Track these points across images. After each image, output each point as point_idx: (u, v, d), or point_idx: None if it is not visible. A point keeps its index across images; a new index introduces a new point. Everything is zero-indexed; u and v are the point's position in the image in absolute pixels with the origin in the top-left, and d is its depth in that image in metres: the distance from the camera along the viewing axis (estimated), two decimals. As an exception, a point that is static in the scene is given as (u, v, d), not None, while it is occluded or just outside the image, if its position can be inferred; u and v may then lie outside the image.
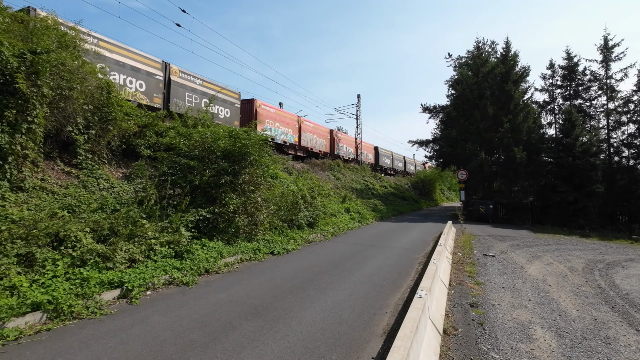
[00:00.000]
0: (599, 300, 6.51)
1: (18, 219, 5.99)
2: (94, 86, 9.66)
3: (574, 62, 25.66)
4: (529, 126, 24.70)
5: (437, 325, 4.69)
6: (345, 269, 8.22)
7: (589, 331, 5.01)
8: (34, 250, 5.59)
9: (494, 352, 4.25)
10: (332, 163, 27.66)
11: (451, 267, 8.64)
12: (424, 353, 3.61)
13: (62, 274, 5.54)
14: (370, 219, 19.51)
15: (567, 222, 20.42)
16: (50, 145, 9.04)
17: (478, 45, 29.46)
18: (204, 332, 4.60)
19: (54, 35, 8.78)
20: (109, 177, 9.80)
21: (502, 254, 11.01)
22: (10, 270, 5.15)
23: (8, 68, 6.70)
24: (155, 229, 7.59)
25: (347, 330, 4.76)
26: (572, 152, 21.41)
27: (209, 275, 7.42)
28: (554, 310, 5.88)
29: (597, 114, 25.81)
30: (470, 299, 6.28)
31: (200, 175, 9.23)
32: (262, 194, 10.97)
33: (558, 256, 10.90)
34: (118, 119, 10.25)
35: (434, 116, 33.20)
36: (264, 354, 4.04)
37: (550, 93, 27.15)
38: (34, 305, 4.78)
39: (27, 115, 7.13)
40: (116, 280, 5.91)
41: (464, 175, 22.85)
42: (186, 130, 10.54)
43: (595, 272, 8.84)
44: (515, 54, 26.15)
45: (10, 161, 6.92)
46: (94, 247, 6.21)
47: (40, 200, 7.47)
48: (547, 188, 22.53)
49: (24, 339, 4.30)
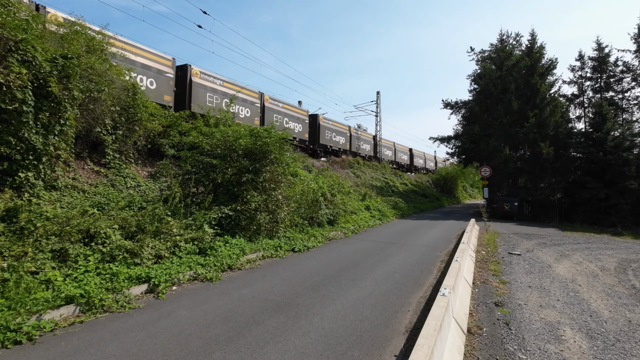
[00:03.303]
0: (633, 301, 6.23)
1: (52, 217, 6.28)
2: (120, 88, 9.99)
3: (605, 52, 24.46)
4: (557, 120, 23.78)
5: (461, 324, 4.61)
6: (366, 267, 8.19)
7: (623, 333, 4.81)
8: (66, 246, 5.86)
9: (520, 353, 4.15)
10: (351, 160, 27.55)
11: (475, 266, 8.46)
12: (448, 352, 3.56)
13: (93, 269, 5.78)
14: (391, 216, 19.33)
15: (597, 220, 19.58)
16: (81, 146, 9.41)
17: (502, 38, 28.59)
18: (227, 327, 4.70)
19: (82, 39, 9.12)
20: (135, 176, 10.12)
21: (528, 252, 10.69)
22: (46, 265, 5.41)
23: (41, 72, 7.01)
24: (180, 226, 7.79)
25: (369, 328, 4.75)
26: (603, 146, 20.49)
27: (231, 272, 7.56)
28: (585, 310, 5.67)
29: (630, 106, 24.55)
30: (495, 298, 6.14)
31: (222, 173, 9.40)
32: (282, 192, 11.06)
33: (588, 255, 10.48)
34: (143, 119, 10.55)
35: (455, 112, 32.50)
36: (286, 349, 4.09)
37: (580, 86, 26.01)
38: (68, 298, 5.01)
39: (60, 117, 7.45)
40: (143, 275, 6.11)
41: (487, 171, 22.28)
42: (208, 130, 10.75)
43: (628, 272, 8.46)
44: (542, 46, 25.22)
45: (44, 161, 7.24)
46: (123, 243, 6.45)
47: (72, 199, 7.80)
48: (576, 184, 21.66)
49: (58, 330, 4.52)
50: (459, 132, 31.81)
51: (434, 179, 41.91)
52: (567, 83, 26.49)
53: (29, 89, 6.72)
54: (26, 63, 6.80)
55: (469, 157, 30.40)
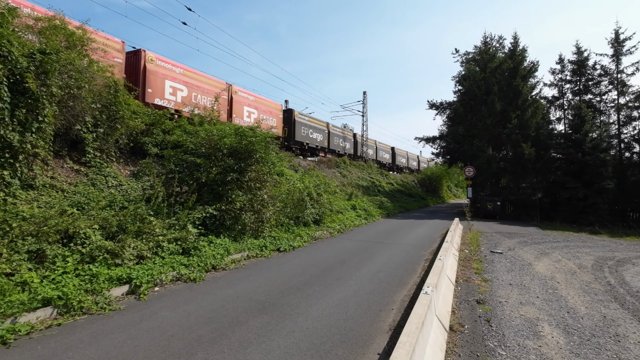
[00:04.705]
0: (609, 298, 6.43)
1: (29, 216, 6.09)
2: (102, 85, 9.76)
3: (584, 56, 25.18)
4: (538, 122, 24.35)
5: (444, 321, 4.68)
6: (351, 266, 8.23)
7: (598, 328, 4.96)
8: (44, 246, 5.69)
9: (500, 349, 4.23)
10: (338, 160, 27.61)
11: (458, 264, 8.60)
12: (430, 349, 3.60)
13: (71, 270, 5.64)
14: (377, 216, 19.47)
15: (576, 219, 20.13)
16: (60, 144, 9.16)
17: (485, 40, 29.12)
18: (211, 328, 4.65)
19: (62, 34, 8.88)
20: (117, 175, 9.91)
21: (509, 250, 10.92)
22: (22, 267, 5.25)
23: (18, 68, 6.79)
24: (163, 226, 7.66)
25: (353, 326, 4.77)
26: (582, 148, 21.08)
27: (215, 272, 7.48)
28: (562, 307, 5.83)
29: (608, 109, 25.31)
30: (477, 296, 6.25)
31: (207, 172, 9.29)
32: (268, 191, 11.01)
33: (567, 253, 10.78)
34: (126, 117, 10.35)
35: (440, 112, 32.93)
36: (270, 350, 4.07)
37: (560, 88, 26.69)
38: (45, 300, 4.87)
39: (37, 114, 7.23)
40: (125, 276, 5.99)
41: (471, 171, 22.66)
42: (192, 128, 10.61)
43: (604, 269, 8.73)
44: (524, 49, 25.77)
45: (21, 159, 7.02)
46: (103, 243, 6.30)
47: (50, 198, 7.59)
48: (556, 184, 22.23)
49: (35, 333, 4.39)
50: (443, 132, 32.25)
51: (419, 179, 42.38)
52: (548, 85, 27.15)
53: (4, 85, 6.52)
54: (1, 58, 6.58)
55: (453, 158, 30.87)
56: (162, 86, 13.66)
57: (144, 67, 13.06)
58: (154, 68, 13.37)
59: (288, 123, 23.16)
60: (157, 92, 13.44)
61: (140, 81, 12.96)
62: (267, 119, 19.99)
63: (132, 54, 13.30)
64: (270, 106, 20.80)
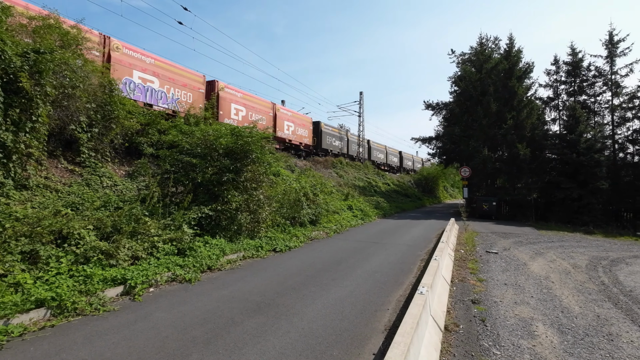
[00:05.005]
0: (602, 297, 6.48)
1: (22, 217, 6.04)
2: (97, 84, 9.71)
3: (578, 57, 25.37)
4: (533, 122, 24.50)
5: (439, 321, 4.69)
6: (347, 266, 8.23)
7: (592, 328, 5.00)
8: (37, 247, 5.65)
9: (495, 349, 4.25)
10: (334, 160, 27.61)
11: (453, 264, 8.63)
12: (424, 349, 3.61)
13: (65, 271, 5.59)
14: (373, 216, 19.49)
15: (571, 219, 20.27)
16: (54, 144, 9.10)
17: (481, 41, 29.25)
18: (206, 329, 4.63)
19: (56, 33, 8.82)
20: (112, 175, 9.86)
21: (505, 250, 10.97)
22: (15, 268, 5.20)
23: (11, 67, 6.74)
24: (158, 227, 7.63)
25: (348, 327, 4.77)
26: (576, 148, 21.23)
27: (211, 272, 7.46)
28: (557, 307, 5.86)
29: (602, 110, 25.53)
30: (472, 296, 6.27)
31: (202, 172, 9.26)
32: (264, 192, 10.99)
33: (561, 253, 10.85)
34: (121, 117, 10.29)
35: (437, 113, 32.98)
36: (265, 350, 4.06)
37: (555, 89, 26.87)
38: (38, 302, 4.83)
39: (31, 114, 7.18)
40: (119, 277, 5.95)
41: (467, 172, 22.76)
42: (188, 128, 10.58)
43: (598, 269, 8.80)
44: (519, 50, 25.93)
45: (14, 159, 6.97)
46: (97, 244, 6.26)
47: (44, 198, 7.53)
48: (551, 185, 22.37)
49: (28, 335, 4.35)
50: (440, 133, 32.33)
51: (415, 179, 42.50)
52: (543, 86, 27.32)
53: (-3, 84, 6.45)
54: (-6, 57, 6.53)
55: (449, 158, 30.96)
56: (228, 108, 16.65)
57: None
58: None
59: (316, 133, 26.79)
60: (226, 113, 16.56)
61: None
62: (302, 131, 24.45)
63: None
64: (303, 119, 24.75)
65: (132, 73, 12.81)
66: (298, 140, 24.21)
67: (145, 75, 13.32)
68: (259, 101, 20.32)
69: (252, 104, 19.46)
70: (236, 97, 18.19)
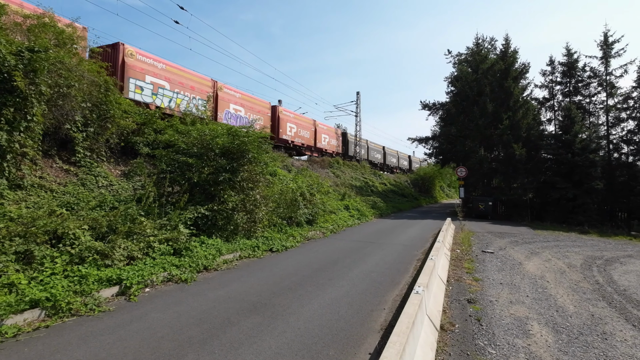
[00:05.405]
0: (597, 296, 6.53)
1: (16, 217, 6.00)
2: (92, 84, 9.65)
3: (573, 58, 25.56)
4: (529, 123, 24.65)
5: (434, 321, 4.71)
6: (343, 266, 8.24)
7: (586, 327, 5.03)
8: (32, 247, 5.60)
9: (490, 348, 4.27)
10: (331, 160, 27.64)
11: (449, 264, 8.66)
12: (420, 348, 3.62)
13: (60, 271, 5.55)
14: (370, 216, 19.52)
15: (566, 219, 20.42)
16: (49, 143, 9.03)
17: (477, 41, 29.37)
18: (202, 329, 4.62)
19: (51, 32, 8.76)
20: (107, 175, 9.81)
21: (500, 250, 11.03)
22: (9, 268, 5.15)
23: (5, 66, 6.69)
24: (154, 227, 7.59)
25: (344, 327, 4.78)
26: (572, 148, 21.39)
27: (207, 273, 7.43)
28: (552, 306, 5.90)
29: (597, 110, 25.73)
30: (468, 295, 6.30)
31: (198, 172, 9.23)
32: (261, 192, 10.97)
33: (557, 252, 10.92)
34: (116, 116, 10.24)
35: (433, 113, 33.11)
36: (261, 350, 4.05)
37: (550, 89, 27.06)
38: (33, 302, 4.79)
39: (26, 113, 7.13)
40: (115, 277, 5.92)
41: (463, 172, 22.85)
42: (185, 128, 10.54)
43: (593, 269, 8.86)
44: (515, 51, 26.06)
45: (8, 159, 6.92)
46: (93, 244, 6.22)
47: (38, 198, 7.48)
48: (547, 185, 22.52)
49: (22, 335, 4.32)
50: (436, 133, 32.46)
51: (412, 179, 42.58)
52: (538, 87, 27.52)
53: (-9, 83, 6.40)
54: (-12, 56, 6.48)
55: (446, 158, 31.08)
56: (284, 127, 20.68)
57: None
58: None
59: (345, 142, 32.13)
60: (284, 131, 19.88)
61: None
62: (330, 140, 28.70)
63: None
64: (330, 130, 28.80)
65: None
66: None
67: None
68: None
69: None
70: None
